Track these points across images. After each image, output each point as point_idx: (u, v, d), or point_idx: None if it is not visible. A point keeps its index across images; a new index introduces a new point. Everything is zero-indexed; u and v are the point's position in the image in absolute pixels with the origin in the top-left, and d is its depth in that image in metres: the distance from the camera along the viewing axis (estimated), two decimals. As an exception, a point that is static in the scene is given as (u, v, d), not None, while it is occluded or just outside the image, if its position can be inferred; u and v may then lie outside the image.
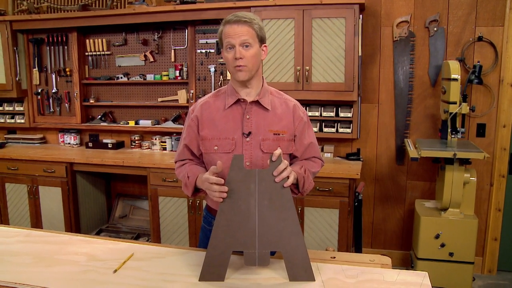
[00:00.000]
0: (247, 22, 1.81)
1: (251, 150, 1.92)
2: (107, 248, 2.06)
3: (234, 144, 1.92)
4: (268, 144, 1.92)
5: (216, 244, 1.70)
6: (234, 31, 1.81)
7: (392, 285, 1.67)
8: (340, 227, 3.54)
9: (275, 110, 1.95)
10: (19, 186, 4.34)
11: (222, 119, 1.94)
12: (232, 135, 1.92)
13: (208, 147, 1.95)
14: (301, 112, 2.01)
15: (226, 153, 1.92)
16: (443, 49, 3.74)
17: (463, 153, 3.19)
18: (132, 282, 1.71)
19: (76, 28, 4.44)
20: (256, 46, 1.84)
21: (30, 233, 2.26)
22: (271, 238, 1.72)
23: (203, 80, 4.23)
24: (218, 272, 1.69)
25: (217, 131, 1.93)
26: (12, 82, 4.57)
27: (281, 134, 1.94)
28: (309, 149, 2.04)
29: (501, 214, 3.86)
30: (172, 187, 3.84)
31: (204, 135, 1.95)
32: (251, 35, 1.82)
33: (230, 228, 1.71)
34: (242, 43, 1.81)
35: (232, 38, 1.81)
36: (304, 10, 3.61)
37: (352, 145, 4.05)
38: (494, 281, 3.83)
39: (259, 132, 1.92)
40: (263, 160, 1.92)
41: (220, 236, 1.70)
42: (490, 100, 3.72)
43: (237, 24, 1.81)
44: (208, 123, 1.95)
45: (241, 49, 1.81)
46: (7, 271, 1.81)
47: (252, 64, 1.84)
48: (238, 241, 1.71)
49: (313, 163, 2.06)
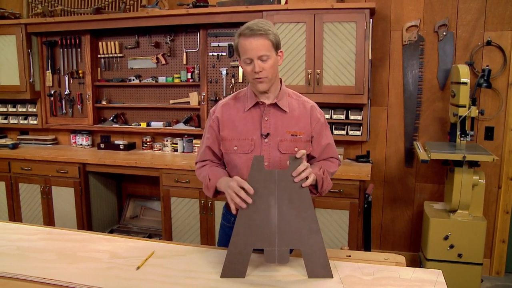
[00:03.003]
0: (262, 34, 1.83)
1: (269, 150, 1.98)
2: (128, 246, 2.11)
3: (253, 144, 1.98)
4: (286, 145, 1.98)
5: (237, 242, 1.76)
6: (251, 46, 1.83)
7: (408, 282, 1.72)
8: (350, 228, 3.59)
9: (292, 112, 2.01)
10: (32, 186, 4.41)
11: (241, 121, 2.00)
12: (251, 136, 1.99)
13: (228, 147, 2.02)
14: (318, 113, 2.06)
15: (245, 153, 1.99)
16: (452, 53, 3.79)
17: (473, 155, 3.24)
18: (156, 278, 1.77)
19: (89, 31, 4.52)
20: (273, 56, 1.88)
21: (51, 231, 2.32)
22: (290, 236, 1.77)
23: (215, 83, 4.29)
24: (240, 269, 1.75)
25: (237, 132, 2.00)
26: (26, 84, 4.65)
27: (298, 135, 1.99)
28: (327, 149, 2.10)
29: (509, 217, 3.89)
30: (184, 188, 3.90)
31: (224, 136, 2.02)
32: (267, 47, 1.85)
33: (251, 226, 1.76)
34: (260, 56, 1.84)
35: (249, 52, 1.84)
36: (315, 14, 3.67)
37: (362, 148, 4.10)
38: (502, 282, 3.87)
39: (277, 133, 1.98)
40: (281, 161, 1.98)
41: (241, 234, 1.76)
42: (499, 103, 3.76)
43: (253, 38, 1.83)
44: (228, 124, 2.02)
45: (259, 63, 1.85)
46: (33, 266, 1.87)
47: (271, 74, 1.90)
48: (259, 239, 1.76)
49: (330, 163, 2.11)
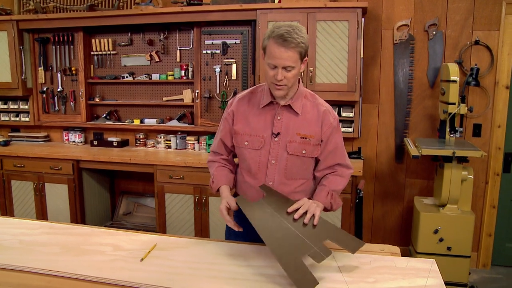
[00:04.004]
0: (293, 47, 1.82)
1: (278, 149, 2.03)
2: (130, 239, 2.15)
3: (263, 142, 2.03)
4: (294, 147, 2.02)
5: (287, 262, 1.69)
6: (280, 55, 1.83)
7: (404, 271, 1.79)
8: (342, 222, 3.67)
9: (305, 115, 2.03)
10: (25, 183, 4.41)
11: (255, 117, 2.05)
12: (262, 133, 2.04)
13: (239, 141, 2.08)
14: (332, 118, 2.06)
15: (255, 149, 2.05)
16: (441, 52, 3.89)
17: (462, 151, 3.33)
18: (160, 269, 1.82)
19: (82, 28, 4.52)
20: (298, 66, 1.89)
21: (53, 226, 2.35)
22: (315, 234, 1.82)
23: (209, 80, 4.33)
24: (309, 278, 1.66)
25: (249, 128, 2.06)
26: (18, 81, 4.64)
27: (308, 138, 2.02)
28: (332, 154, 2.09)
29: (496, 211, 4.01)
30: (179, 184, 3.94)
31: (237, 130, 2.08)
32: (294, 59, 1.85)
33: (282, 244, 1.76)
34: (285, 67, 1.85)
35: (276, 60, 1.84)
36: (308, 13, 3.73)
37: (354, 144, 4.18)
38: (489, 275, 3.98)
39: (288, 134, 2.02)
40: (288, 161, 2.03)
41: (283, 254, 1.72)
42: (486, 101, 3.87)
43: (284, 48, 1.82)
44: (242, 119, 2.08)
45: (283, 72, 1.86)
46: (39, 259, 1.90)
47: (292, 82, 1.92)
48: (297, 249, 1.76)
49: (339, 178, 2.10)
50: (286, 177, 2.05)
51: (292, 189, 2.08)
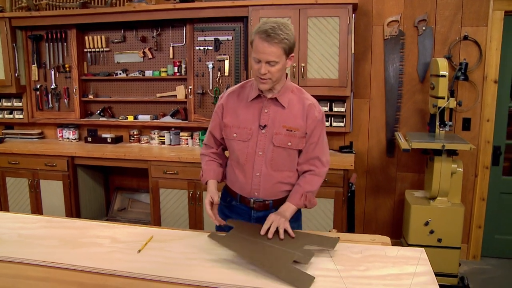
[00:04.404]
0: (276, 43, 1.88)
1: (264, 141, 2.10)
2: (127, 232, 2.20)
3: (251, 134, 2.11)
4: (280, 139, 2.09)
5: (278, 269, 1.72)
6: (264, 50, 1.90)
7: (394, 259, 1.85)
8: (335, 215, 3.73)
9: (291, 108, 2.10)
10: (20, 180, 4.42)
11: (244, 110, 2.13)
12: (250, 125, 2.11)
13: (228, 133, 2.16)
14: (317, 112, 2.13)
15: (243, 141, 2.12)
16: (431, 47, 3.95)
17: (451, 144, 3.40)
18: (157, 260, 1.86)
19: (75, 25, 4.53)
20: (282, 61, 1.95)
21: (51, 220, 2.39)
22: (293, 243, 1.91)
23: (202, 76, 4.37)
24: (305, 277, 1.70)
25: (238, 121, 2.13)
26: (11, 78, 4.65)
27: (294, 130, 2.09)
28: (313, 146, 2.16)
29: (485, 203, 4.09)
30: (173, 179, 3.98)
31: (226, 122, 2.16)
32: (278, 54, 1.91)
33: (264, 257, 1.80)
34: (269, 61, 1.92)
35: (260, 54, 1.92)
36: (300, 9, 3.78)
37: (345, 138, 4.24)
38: (479, 266, 4.06)
39: (274, 126, 2.09)
40: (274, 152, 2.11)
41: (270, 264, 1.76)
42: (475, 95, 3.94)
43: (268, 43, 1.88)
44: (231, 112, 2.15)
45: (266, 66, 1.93)
46: (38, 252, 1.94)
47: (276, 77, 1.99)
48: (283, 257, 1.80)
49: (316, 178, 2.19)
50: (272, 168, 2.12)
51: (279, 180, 2.15)
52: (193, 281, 1.68)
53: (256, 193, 2.16)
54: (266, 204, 2.18)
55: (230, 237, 1.92)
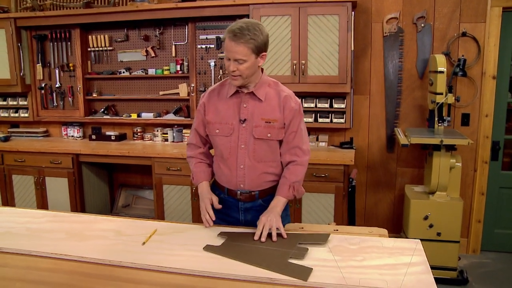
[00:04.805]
0: (242, 43, 1.99)
1: (246, 135, 2.20)
2: (131, 225, 2.26)
3: (232, 128, 2.21)
4: (260, 131, 2.19)
5: (276, 265, 1.79)
6: (231, 49, 2.02)
7: (390, 250, 1.91)
8: (335, 210, 3.78)
9: (269, 101, 2.20)
10: (26, 177, 4.50)
11: (224, 106, 2.23)
12: (231, 120, 2.21)
13: (211, 129, 2.26)
14: (293, 102, 2.22)
15: (226, 136, 2.22)
16: (430, 44, 4.00)
17: (449, 139, 3.45)
18: (160, 251, 1.93)
19: (79, 24, 4.61)
20: (251, 59, 2.05)
21: (57, 214, 2.45)
22: (286, 243, 1.98)
23: (203, 74, 4.43)
24: (303, 269, 1.76)
25: (219, 117, 2.23)
26: (17, 77, 4.73)
27: (272, 122, 2.19)
28: (293, 136, 2.24)
29: (484, 198, 4.14)
30: (176, 175, 4.05)
31: (208, 119, 2.26)
32: (245, 53, 2.02)
33: (264, 259, 1.85)
34: (236, 59, 2.03)
35: (228, 53, 2.04)
36: (300, 7, 3.83)
37: (345, 135, 4.29)
38: (478, 260, 4.11)
39: (253, 119, 2.19)
40: (255, 144, 2.21)
41: (266, 261, 1.83)
42: (474, 91, 3.98)
43: (234, 43, 2.00)
44: (213, 109, 2.25)
45: (235, 64, 2.04)
46: (46, 244, 2.01)
47: (246, 74, 2.08)
48: (279, 257, 1.87)
49: (299, 168, 2.26)
50: (255, 159, 2.21)
51: (263, 171, 2.24)
52: (196, 271, 1.74)
53: (242, 185, 2.25)
54: (253, 195, 2.27)
55: (225, 247, 1.98)
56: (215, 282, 1.70)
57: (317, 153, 3.96)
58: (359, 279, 1.66)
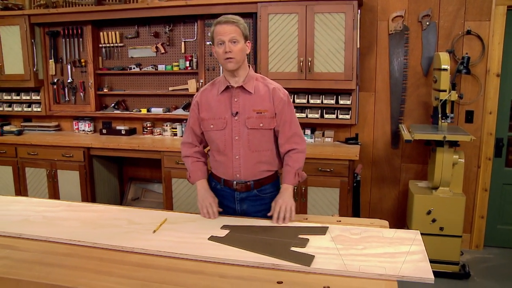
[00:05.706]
0: (234, 22, 2.19)
1: (239, 127, 2.33)
2: (142, 215, 2.37)
3: (225, 122, 2.33)
4: (252, 121, 2.31)
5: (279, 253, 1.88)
6: (224, 30, 2.17)
7: (390, 240, 1.99)
8: (340, 204, 3.86)
9: (258, 93, 2.33)
10: (39, 170, 4.63)
11: (216, 103, 2.35)
12: (224, 115, 2.33)
13: (206, 126, 2.38)
14: (281, 94, 2.36)
15: (220, 130, 2.35)
16: (434, 42, 4.06)
17: (452, 135, 3.52)
18: (171, 239, 2.03)
19: (91, 21, 4.72)
20: (242, 42, 2.22)
21: (71, 204, 2.57)
22: (289, 233, 2.09)
23: (212, 70, 4.53)
24: (306, 256, 1.86)
25: (212, 113, 2.35)
26: (30, 73, 4.86)
27: (263, 112, 2.31)
28: (288, 124, 2.37)
29: (487, 194, 4.19)
30: (185, 169, 4.11)
31: (203, 116, 2.38)
32: (238, 33, 2.19)
33: (268, 247, 1.95)
34: (231, 39, 2.17)
35: (222, 35, 2.17)
36: (307, 5, 3.90)
37: (351, 131, 4.37)
38: (481, 255, 4.17)
39: (245, 111, 2.31)
40: (249, 135, 2.33)
41: (272, 251, 1.91)
42: (478, 88, 4.04)
43: (226, 24, 2.18)
44: (206, 107, 2.38)
45: (230, 44, 2.17)
46: (62, 232, 2.12)
47: (239, 56, 2.22)
48: (282, 246, 1.97)
49: (300, 155, 2.41)
50: (250, 149, 2.34)
51: (258, 160, 2.37)
52: (204, 257, 1.84)
53: (238, 175, 2.37)
54: (248, 185, 2.39)
55: (229, 237, 2.07)
56: (222, 267, 1.79)
57: (323, 148, 4.05)
58: (359, 266, 1.74)
